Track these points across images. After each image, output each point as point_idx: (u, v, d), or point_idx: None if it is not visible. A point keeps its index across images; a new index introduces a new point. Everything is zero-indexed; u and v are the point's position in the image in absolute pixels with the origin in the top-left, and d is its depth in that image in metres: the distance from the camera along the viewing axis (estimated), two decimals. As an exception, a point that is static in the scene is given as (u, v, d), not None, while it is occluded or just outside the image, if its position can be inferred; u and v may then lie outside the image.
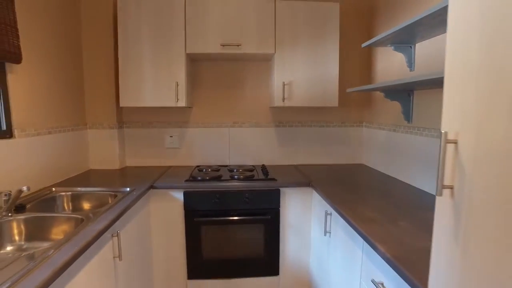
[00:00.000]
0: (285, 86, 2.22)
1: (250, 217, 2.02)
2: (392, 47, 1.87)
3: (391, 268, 1.03)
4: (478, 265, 0.61)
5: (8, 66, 1.54)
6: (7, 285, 0.81)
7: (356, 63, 2.57)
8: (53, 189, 1.79)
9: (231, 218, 2.01)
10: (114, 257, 1.40)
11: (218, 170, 2.32)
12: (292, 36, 2.20)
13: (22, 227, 1.35)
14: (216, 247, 2.05)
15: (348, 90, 2.01)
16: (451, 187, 0.68)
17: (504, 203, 0.55)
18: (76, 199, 1.78)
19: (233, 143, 2.58)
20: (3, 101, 1.52)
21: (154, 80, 2.17)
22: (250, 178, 2.09)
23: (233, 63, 2.52)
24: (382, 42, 1.83)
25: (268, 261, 2.09)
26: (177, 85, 2.16)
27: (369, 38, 2.49)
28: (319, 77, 2.24)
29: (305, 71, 2.23)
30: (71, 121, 2.14)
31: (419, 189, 1.82)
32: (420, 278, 0.87)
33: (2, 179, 1.48)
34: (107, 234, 1.33)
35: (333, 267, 1.66)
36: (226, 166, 2.51)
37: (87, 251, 1.14)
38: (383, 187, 1.87)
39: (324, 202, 1.79)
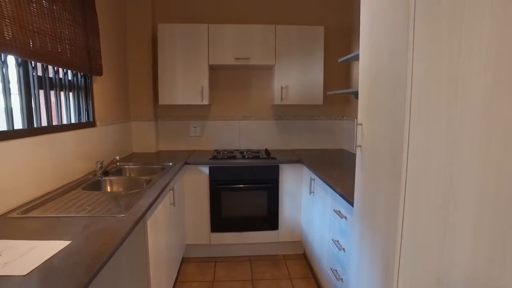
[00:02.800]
0: (282, 89, 2.95)
1: (256, 185, 2.76)
2: (360, 62, 2.58)
3: (342, 199, 1.76)
4: (368, 181, 1.35)
5: (94, 78, 2.27)
6: (137, 196, 1.55)
7: (340, 71, 3.29)
8: (118, 163, 2.52)
9: (243, 186, 2.75)
10: (170, 204, 2.14)
11: (232, 152, 3.05)
12: (288, 52, 2.92)
13: (113, 184, 2.09)
14: (232, 208, 2.79)
15: (328, 93, 2.73)
16: (360, 146, 1.42)
17: (373, 151, 1.29)
18: (135, 170, 2.52)
19: (243, 133, 3.32)
20: (92, 101, 2.26)
21: (185, 85, 2.89)
22: (256, 157, 2.82)
23: (243, 71, 3.25)
24: (353, 58, 2.55)
25: (270, 219, 2.83)
26: (202, 88, 2.89)
27: (349, 50, 3.21)
28: (308, 82, 2.96)
29: (298, 78, 2.95)
30: (122, 116, 2.87)
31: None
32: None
33: (92, 153, 2.22)
34: (167, 188, 2.07)
35: (315, 213, 2.40)
36: (238, 150, 3.25)
37: (161, 195, 1.88)
38: (354, 163, 2.60)
39: (310, 172, 2.53)
